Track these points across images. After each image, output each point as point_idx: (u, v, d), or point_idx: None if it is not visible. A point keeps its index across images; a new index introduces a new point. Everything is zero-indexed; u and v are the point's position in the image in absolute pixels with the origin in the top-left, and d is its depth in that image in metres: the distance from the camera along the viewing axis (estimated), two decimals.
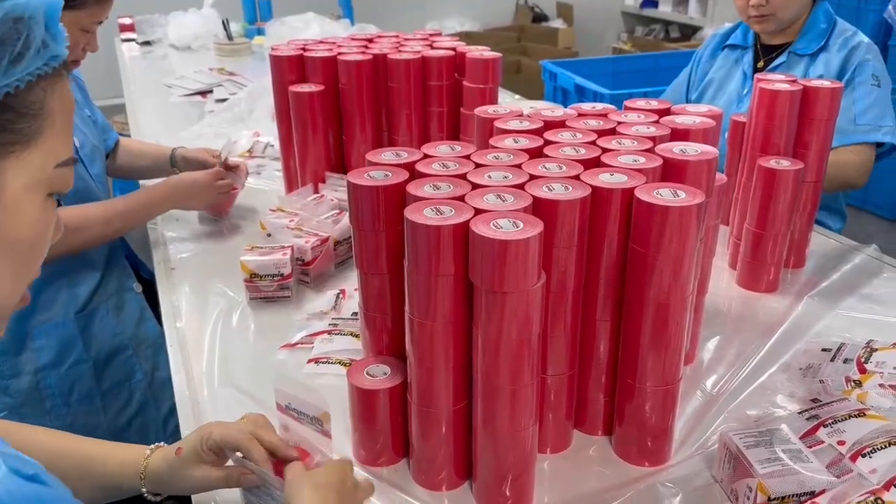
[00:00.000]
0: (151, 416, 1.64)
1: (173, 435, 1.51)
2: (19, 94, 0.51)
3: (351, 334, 1.23)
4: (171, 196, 1.52)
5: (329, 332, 1.24)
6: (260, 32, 3.64)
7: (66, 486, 0.56)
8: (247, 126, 2.27)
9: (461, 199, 0.84)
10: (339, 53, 1.64)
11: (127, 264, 1.64)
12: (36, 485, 0.50)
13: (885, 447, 0.90)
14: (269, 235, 1.44)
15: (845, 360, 1.13)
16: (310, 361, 1.19)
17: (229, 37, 3.44)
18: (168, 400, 1.63)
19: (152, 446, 0.84)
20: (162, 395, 1.64)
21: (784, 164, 1.32)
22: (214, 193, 1.56)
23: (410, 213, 0.80)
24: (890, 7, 3.95)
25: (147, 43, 3.66)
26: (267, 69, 2.87)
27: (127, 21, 3.76)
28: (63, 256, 1.39)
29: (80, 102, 1.64)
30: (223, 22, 3.47)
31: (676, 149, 0.98)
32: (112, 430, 1.55)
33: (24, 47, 0.51)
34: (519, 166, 0.94)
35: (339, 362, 1.17)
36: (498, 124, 1.10)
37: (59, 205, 0.59)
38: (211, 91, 2.71)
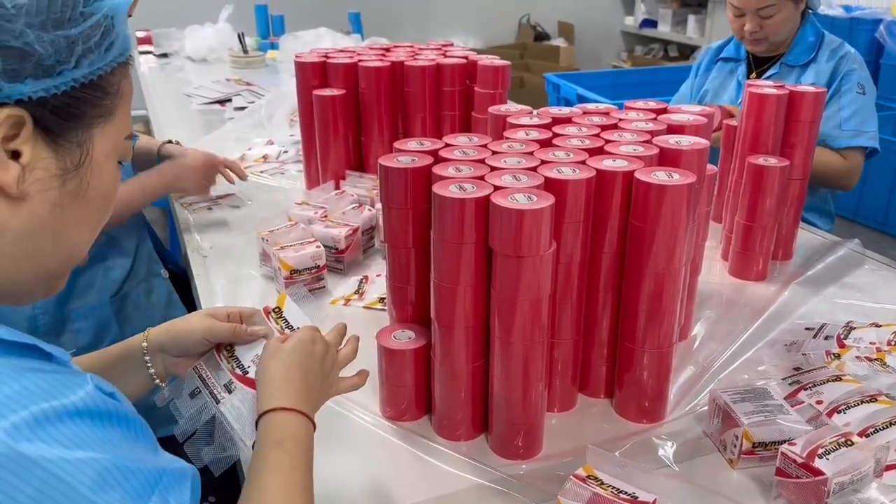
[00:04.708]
0: None
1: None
2: (106, 76, 0.63)
3: None
4: (166, 182, 1.68)
5: None
6: (273, 47, 3.77)
7: None
8: (266, 131, 2.39)
9: (481, 178, 0.96)
10: (360, 60, 1.77)
11: (153, 250, 1.76)
12: (115, 401, 0.61)
13: (858, 404, 1.01)
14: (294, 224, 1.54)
15: (826, 337, 1.24)
16: None
17: (244, 50, 3.57)
18: None
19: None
20: None
21: (772, 161, 1.44)
22: (202, 175, 1.71)
23: (438, 189, 0.92)
24: (881, 27, 4.10)
25: (164, 55, 3.79)
26: (281, 80, 3.03)
27: (144, 34, 3.89)
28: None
29: None
30: (239, 35, 3.61)
31: (672, 140, 1.10)
32: (144, 406, 1.65)
33: (113, 38, 0.63)
34: (531, 153, 1.05)
35: None
36: (510, 120, 1.21)
37: None
38: (230, 100, 2.83)
